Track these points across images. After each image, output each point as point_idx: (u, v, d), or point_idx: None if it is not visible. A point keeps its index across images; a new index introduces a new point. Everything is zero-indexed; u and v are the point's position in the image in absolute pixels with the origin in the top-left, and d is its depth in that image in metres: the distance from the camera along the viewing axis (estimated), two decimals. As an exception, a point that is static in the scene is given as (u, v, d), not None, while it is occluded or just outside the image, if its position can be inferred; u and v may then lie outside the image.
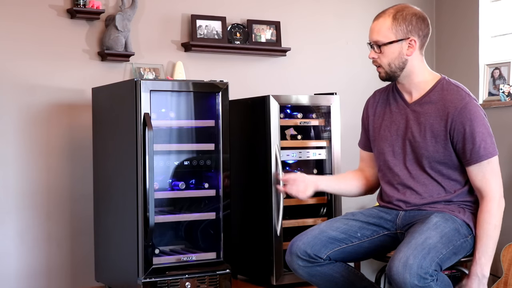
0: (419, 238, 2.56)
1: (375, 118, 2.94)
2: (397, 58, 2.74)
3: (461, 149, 2.70)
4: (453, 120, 2.69)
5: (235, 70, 4.58)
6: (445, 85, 2.77)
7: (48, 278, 4.05)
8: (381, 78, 2.82)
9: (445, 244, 2.60)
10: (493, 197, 2.70)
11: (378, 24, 2.75)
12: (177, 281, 3.56)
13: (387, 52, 2.74)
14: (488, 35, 4.97)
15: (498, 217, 2.70)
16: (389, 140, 2.86)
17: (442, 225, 2.64)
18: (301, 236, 2.82)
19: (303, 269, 2.79)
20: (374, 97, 3.01)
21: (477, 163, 2.69)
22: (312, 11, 4.91)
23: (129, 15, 4.14)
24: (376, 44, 2.75)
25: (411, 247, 2.52)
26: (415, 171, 2.79)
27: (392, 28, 2.72)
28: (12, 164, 3.97)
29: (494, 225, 2.69)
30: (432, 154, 2.74)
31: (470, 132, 2.67)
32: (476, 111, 2.70)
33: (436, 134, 2.72)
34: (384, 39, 2.73)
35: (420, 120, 2.76)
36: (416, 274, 2.45)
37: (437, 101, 2.74)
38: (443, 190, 2.77)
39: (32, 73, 4.03)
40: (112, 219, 3.80)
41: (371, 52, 2.78)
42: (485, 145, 2.68)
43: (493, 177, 2.70)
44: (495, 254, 2.76)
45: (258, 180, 3.98)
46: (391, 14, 2.74)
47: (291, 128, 4.12)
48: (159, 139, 3.66)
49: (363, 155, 3.07)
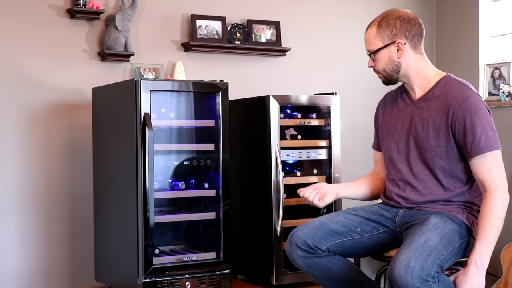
0: (420, 240, 2.57)
1: (385, 118, 2.99)
2: (389, 63, 2.84)
3: (463, 142, 2.71)
4: (454, 112, 2.71)
5: (235, 70, 4.58)
6: (449, 81, 2.81)
7: (48, 278, 4.05)
8: (383, 82, 2.93)
9: (445, 245, 2.60)
10: (497, 189, 2.68)
11: (367, 34, 2.88)
12: (177, 281, 3.56)
13: (379, 59, 2.85)
14: (488, 35, 4.97)
15: (502, 209, 2.68)
16: (395, 137, 2.90)
17: (442, 226, 2.65)
18: (302, 227, 2.85)
19: (302, 259, 2.82)
20: (384, 98, 3.09)
21: (479, 155, 2.68)
22: (312, 11, 4.91)
23: (129, 15, 4.14)
24: (369, 53, 2.88)
25: (412, 249, 2.53)
26: (417, 167, 2.81)
27: (378, 36, 2.83)
28: (12, 164, 3.97)
29: (497, 216, 2.67)
30: (434, 148, 2.76)
31: (471, 124, 2.68)
32: (478, 104, 2.72)
33: (438, 128, 2.74)
34: (373, 47, 2.85)
35: (423, 115, 2.80)
36: (418, 277, 2.46)
37: (439, 96, 2.78)
38: (442, 189, 2.78)
39: (32, 73, 4.03)
40: (112, 219, 3.80)
41: (369, 61, 2.91)
42: (486, 138, 2.68)
43: (497, 170, 2.69)
44: (495, 254, 2.75)
45: (258, 180, 3.98)
46: (376, 22, 2.86)
47: (291, 128, 4.13)
48: (159, 139, 3.66)
49: (377, 156, 3.10)
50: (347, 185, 3.06)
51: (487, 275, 2.72)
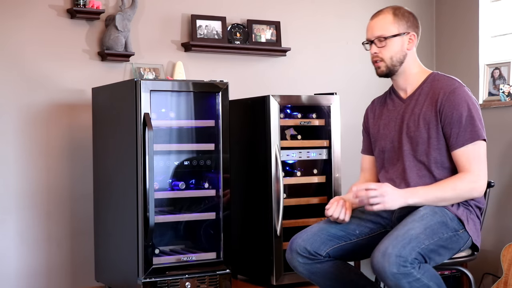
0: (402, 229, 2.59)
1: (375, 120, 3.02)
2: (399, 52, 2.84)
3: (449, 133, 2.74)
4: (441, 103, 2.75)
5: (235, 70, 4.58)
6: (436, 76, 2.88)
7: (48, 278, 4.05)
8: (379, 74, 2.90)
9: (428, 235, 2.60)
10: (472, 173, 2.70)
11: (379, 20, 2.87)
12: (177, 281, 3.57)
13: (390, 45, 2.84)
14: (488, 35, 4.97)
15: (464, 187, 2.70)
16: (388, 137, 2.92)
17: (429, 217, 2.65)
18: (301, 234, 2.86)
19: (303, 266, 2.82)
20: (372, 103, 3.11)
21: (463, 146, 2.72)
22: (312, 11, 4.91)
23: (129, 15, 4.14)
24: (379, 38, 2.84)
25: (392, 238, 2.55)
26: (409, 162, 2.83)
27: (394, 23, 2.84)
28: (12, 164, 3.97)
29: (453, 187, 2.70)
30: (426, 140, 2.79)
31: (458, 116, 2.72)
32: (465, 96, 2.75)
33: (428, 121, 2.78)
34: (388, 33, 2.83)
35: (414, 110, 2.84)
36: (395, 263, 2.48)
37: (429, 91, 2.83)
38: (435, 181, 2.78)
39: (32, 73, 4.03)
40: (112, 219, 3.80)
41: (373, 47, 2.86)
42: (472, 129, 2.72)
43: (478, 161, 2.72)
44: (495, 254, 2.75)
45: (258, 180, 3.98)
46: (390, 11, 2.88)
47: (291, 128, 4.13)
48: (159, 139, 3.66)
49: (366, 162, 3.09)
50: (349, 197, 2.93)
51: (487, 275, 2.71)
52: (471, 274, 3.53)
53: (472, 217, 2.78)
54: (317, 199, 4.09)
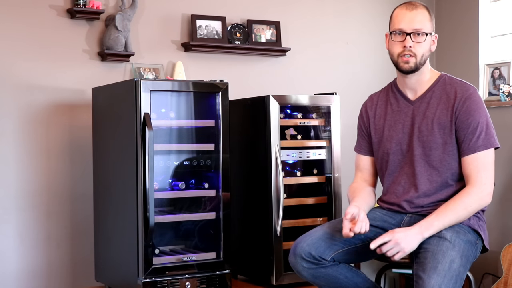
0: (444, 261, 2.56)
1: (376, 120, 2.95)
2: (427, 51, 2.80)
3: (462, 138, 2.72)
4: (457, 109, 2.72)
5: (235, 70, 4.58)
6: (447, 79, 2.83)
7: (48, 278, 4.05)
8: (406, 69, 2.78)
9: (464, 265, 2.61)
10: (479, 185, 2.68)
11: (418, 14, 2.76)
12: (177, 281, 3.56)
13: (425, 43, 2.77)
14: (488, 35, 4.97)
15: (474, 203, 2.68)
16: (395, 139, 2.86)
17: (457, 240, 2.64)
18: (305, 238, 2.81)
19: (307, 270, 2.78)
20: (371, 99, 3.02)
21: (475, 153, 2.70)
22: (312, 11, 4.91)
23: (129, 15, 4.14)
24: (418, 32, 2.75)
25: (440, 274, 2.52)
26: (420, 167, 2.78)
27: (430, 20, 2.79)
28: (12, 164, 3.97)
29: (465, 207, 2.67)
30: (441, 146, 2.75)
31: (474, 122, 2.70)
32: (480, 102, 2.74)
33: (443, 126, 2.74)
34: (426, 29, 2.76)
35: (426, 114, 2.78)
36: None
37: (441, 94, 2.78)
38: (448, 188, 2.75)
39: (32, 73, 4.03)
40: (112, 219, 3.80)
41: (407, 40, 2.74)
42: (485, 136, 2.71)
43: (485, 169, 2.70)
44: (495, 254, 2.76)
45: (258, 180, 3.98)
46: (424, 7, 2.81)
47: (291, 128, 4.12)
48: (159, 139, 3.66)
49: (364, 162, 3.05)
50: (361, 204, 2.86)
51: (487, 275, 2.72)
52: (471, 274, 3.57)
53: (481, 224, 2.78)
54: (317, 199, 4.08)
